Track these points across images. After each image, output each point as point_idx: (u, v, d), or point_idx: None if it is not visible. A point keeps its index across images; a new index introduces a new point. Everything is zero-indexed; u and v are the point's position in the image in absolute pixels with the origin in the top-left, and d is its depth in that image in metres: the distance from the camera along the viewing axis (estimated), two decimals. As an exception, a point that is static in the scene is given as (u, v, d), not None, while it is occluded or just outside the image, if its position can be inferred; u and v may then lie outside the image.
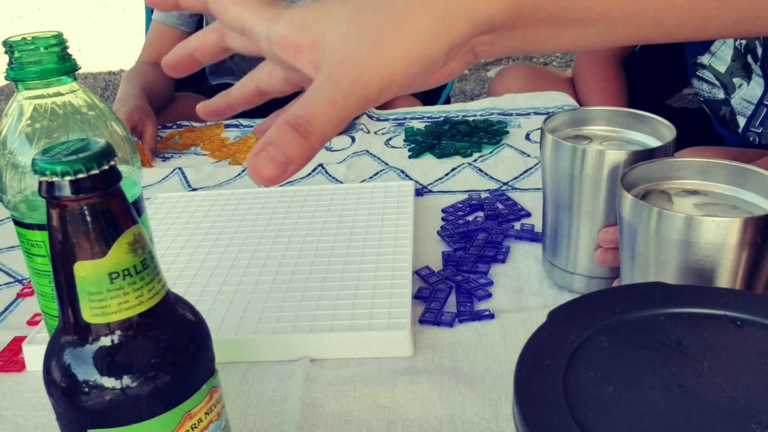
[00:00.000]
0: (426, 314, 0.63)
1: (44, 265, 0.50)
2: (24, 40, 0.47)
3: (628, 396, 0.29)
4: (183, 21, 1.36)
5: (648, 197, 0.53)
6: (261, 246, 0.74)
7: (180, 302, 0.38)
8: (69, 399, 0.34)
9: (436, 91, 1.57)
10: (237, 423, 0.52)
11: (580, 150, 0.59)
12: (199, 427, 0.37)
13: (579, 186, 0.60)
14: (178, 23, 1.36)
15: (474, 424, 0.50)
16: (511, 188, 0.88)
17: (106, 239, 0.33)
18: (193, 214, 0.83)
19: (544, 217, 0.66)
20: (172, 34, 1.36)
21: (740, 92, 1.07)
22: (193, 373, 0.36)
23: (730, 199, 0.53)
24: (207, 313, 0.63)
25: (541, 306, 0.63)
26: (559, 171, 0.61)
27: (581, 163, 0.59)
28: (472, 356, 0.57)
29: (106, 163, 0.33)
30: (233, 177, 0.99)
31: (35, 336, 0.61)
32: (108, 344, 0.34)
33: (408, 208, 0.80)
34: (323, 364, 0.58)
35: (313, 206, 0.83)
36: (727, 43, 1.06)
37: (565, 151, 0.60)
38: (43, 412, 0.55)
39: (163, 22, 1.36)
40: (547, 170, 0.63)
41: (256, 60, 0.46)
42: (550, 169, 0.62)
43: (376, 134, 1.11)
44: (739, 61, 1.06)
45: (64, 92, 0.49)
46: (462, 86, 3.55)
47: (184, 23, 1.37)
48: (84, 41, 4.85)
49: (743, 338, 0.33)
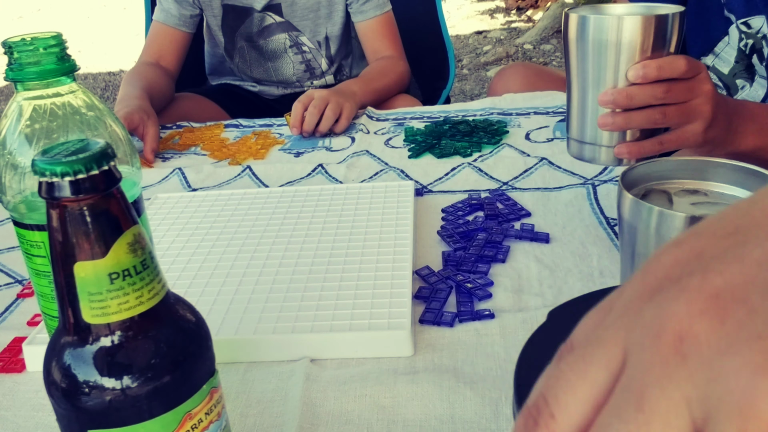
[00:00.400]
0: (426, 314, 0.63)
1: (44, 265, 0.50)
2: (23, 40, 0.47)
3: (628, 395, 0.29)
4: (184, 21, 1.36)
5: (648, 197, 0.53)
6: (261, 246, 0.74)
7: (180, 302, 0.38)
8: (69, 399, 0.34)
9: (435, 90, 1.57)
10: (237, 423, 0.52)
11: (605, 19, 0.64)
12: (199, 427, 0.37)
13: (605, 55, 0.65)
14: (179, 24, 1.36)
15: (474, 424, 0.50)
16: (511, 188, 0.88)
17: (106, 240, 0.33)
18: (193, 215, 0.83)
19: (569, 101, 0.71)
20: (172, 35, 1.36)
21: (742, 94, 1.07)
22: (193, 374, 0.36)
23: (729, 199, 0.53)
24: (207, 314, 0.63)
25: (541, 306, 0.63)
26: (584, 46, 0.66)
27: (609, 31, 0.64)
28: (472, 356, 0.57)
29: (106, 164, 0.33)
30: (233, 177, 0.99)
31: (35, 336, 0.61)
32: (108, 345, 0.34)
33: (408, 208, 0.80)
34: (323, 364, 0.58)
35: (313, 206, 0.83)
36: (731, 45, 1.06)
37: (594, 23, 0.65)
38: (44, 413, 0.55)
39: (164, 23, 1.36)
40: (572, 50, 0.68)
41: (257, 61, 0.46)
42: (577, 48, 0.67)
43: (375, 134, 1.11)
44: (743, 62, 1.06)
45: (63, 93, 0.49)
46: (462, 86, 3.56)
47: (185, 24, 1.37)
48: (84, 42, 4.85)
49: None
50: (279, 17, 1.41)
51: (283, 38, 1.43)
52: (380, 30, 1.40)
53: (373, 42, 1.40)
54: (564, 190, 0.86)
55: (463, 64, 3.91)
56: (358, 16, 1.39)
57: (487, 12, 4.88)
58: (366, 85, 1.26)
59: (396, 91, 1.36)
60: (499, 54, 3.96)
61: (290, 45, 1.43)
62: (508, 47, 4.06)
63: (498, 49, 4.05)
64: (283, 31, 1.43)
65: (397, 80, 1.36)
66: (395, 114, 1.20)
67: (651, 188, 0.54)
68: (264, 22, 1.42)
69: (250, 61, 1.47)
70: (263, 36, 1.43)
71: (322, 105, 1.10)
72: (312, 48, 1.45)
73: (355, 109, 1.17)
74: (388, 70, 1.35)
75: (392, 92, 1.35)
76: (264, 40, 1.43)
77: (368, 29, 1.40)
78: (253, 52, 1.45)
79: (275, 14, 1.41)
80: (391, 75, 1.35)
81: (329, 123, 1.09)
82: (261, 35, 1.43)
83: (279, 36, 1.43)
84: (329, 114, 1.09)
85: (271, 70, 1.47)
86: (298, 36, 1.43)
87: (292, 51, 1.44)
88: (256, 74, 1.48)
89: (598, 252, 0.72)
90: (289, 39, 1.43)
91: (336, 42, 1.46)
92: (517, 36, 4.30)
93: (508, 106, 1.17)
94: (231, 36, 1.44)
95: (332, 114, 1.09)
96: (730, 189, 0.53)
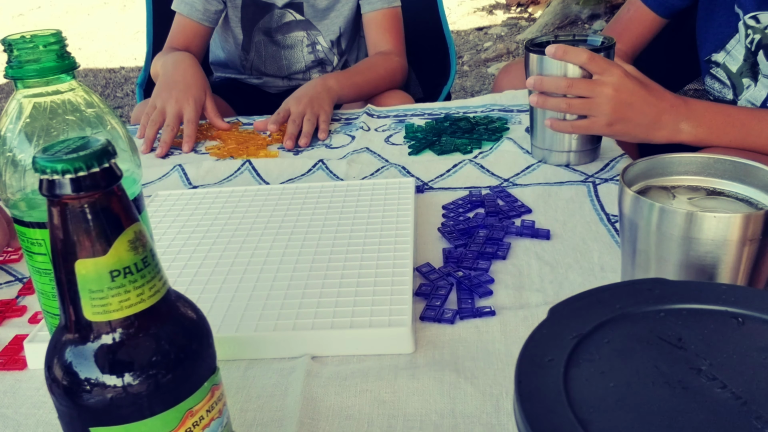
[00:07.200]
0: (427, 311, 0.63)
1: (45, 263, 0.50)
2: (23, 38, 0.47)
3: (628, 391, 0.29)
4: (207, 17, 1.39)
5: (648, 193, 0.53)
6: (262, 243, 0.74)
7: (181, 300, 0.38)
8: (70, 397, 0.34)
9: (436, 87, 1.57)
10: (237, 418, 0.52)
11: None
12: (200, 424, 0.37)
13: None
14: (202, 18, 1.38)
15: (475, 419, 0.50)
16: (511, 185, 0.88)
17: (107, 237, 0.33)
18: (193, 212, 0.83)
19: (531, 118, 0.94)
20: (197, 29, 1.39)
21: (747, 94, 1.06)
22: (194, 371, 0.37)
23: (731, 195, 0.52)
24: (208, 311, 0.63)
25: (542, 302, 0.63)
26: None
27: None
28: (473, 353, 0.57)
29: (107, 161, 0.33)
30: (233, 173, 0.99)
31: (36, 334, 0.61)
32: (109, 342, 0.34)
33: (409, 204, 0.80)
34: (324, 360, 0.58)
35: (314, 203, 0.83)
36: (741, 42, 1.05)
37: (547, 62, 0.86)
38: (45, 410, 0.55)
39: (188, 17, 1.38)
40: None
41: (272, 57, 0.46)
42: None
43: (376, 131, 1.11)
44: (748, 61, 1.05)
45: (63, 90, 0.49)
46: (462, 83, 3.55)
47: (208, 19, 1.39)
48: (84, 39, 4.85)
49: (744, 334, 0.33)
50: (299, 15, 1.42)
51: (301, 36, 1.44)
52: (384, 23, 1.39)
53: (375, 34, 1.40)
54: (564, 187, 0.86)
55: (463, 60, 3.90)
56: (366, 6, 1.40)
57: (488, 8, 4.87)
58: (346, 78, 1.25)
59: (385, 86, 1.34)
60: (500, 51, 3.95)
61: (307, 44, 1.44)
62: (509, 44, 4.05)
63: (499, 45, 4.04)
64: (302, 29, 1.43)
65: (385, 76, 1.34)
66: (396, 111, 1.20)
67: (652, 185, 0.54)
68: (284, 18, 1.42)
69: (266, 57, 1.47)
70: (281, 32, 1.44)
71: (299, 120, 1.11)
72: (326, 47, 1.45)
73: (331, 107, 1.17)
74: (378, 65, 1.35)
75: (379, 88, 1.33)
76: (282, 36, 1.44)
77: (373, 21, 1.40)
78: (270, 48, 1.46)
79: (296, 12, 1.42)
80: (380, 70, 1.34)
81: (309, 138, 1.09)
82: (279, 31, 1.44)
83: (297, 33, 1.44)
84: (307, 129, 1.09)
85: (284, 67, 1.48)
86: (316, 36, 1.44)
87: (307, 49, 1.45)
88: (270, 70, 1.49)
89: (598, 248, 0.72)
90: (307, 38, 1.44)
91: (347, 37, 1.46)
92: (517, 32, 4.29)
93: (509, 103, 1.17)
94: (249, 30, 1.45)
95: (310, 127, 1.10)
96: (731, 185, 0.53)
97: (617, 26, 1.19)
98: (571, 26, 4.14)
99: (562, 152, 0.92)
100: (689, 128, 0.85)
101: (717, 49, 1.10)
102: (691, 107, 0.85)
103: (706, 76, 1.15)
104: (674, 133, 0.85)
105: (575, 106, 0.84)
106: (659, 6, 1.14)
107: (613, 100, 0.82)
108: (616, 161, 0.92)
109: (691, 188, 0.54)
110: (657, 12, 1.15)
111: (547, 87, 0.85)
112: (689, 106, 0.85)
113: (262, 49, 1.46)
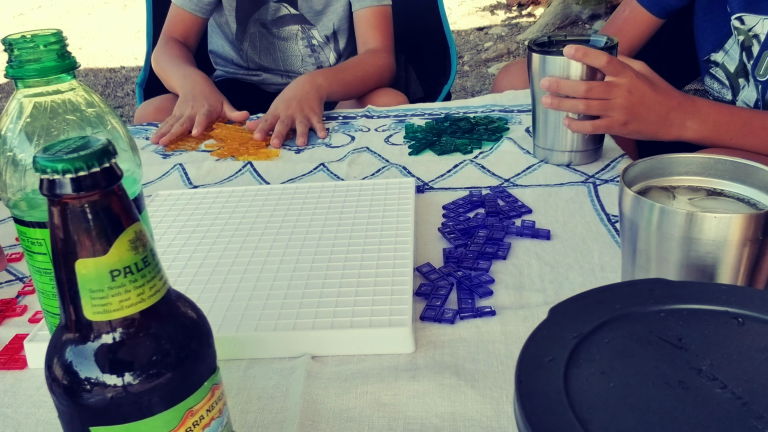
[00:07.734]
0: (427, 311, 0.63)
1: (45, 263, 0.50)
2: (23, 38, 0.47)
3: (629, 392, 0.29)
4: (201, 8, 1.42)
5: (649, 193, 0.53)
6: (262, 243, 0.74)
7: (181, 299, 0.38)
8: (71, 396, 0.34)
9: (436, 87, 1.57)
10: (238, 419, 0.52)
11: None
12: (200, 424, 0.37)
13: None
14: (195, 9, 1.42)
15: (475, 422, 0.50)
16: (512, 185, 0.88)
17: (107, 237, 0.33)
18: (194, 212, 0.83)
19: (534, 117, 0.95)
20: (192, 20, 1.43)
21: (743, 94, 1.06)
22: (194, 371, 0.37)
23: (731, 196, 0.52)
24: (208, 311, 0.63)
25: (542, 302, 0.63)
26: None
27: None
28: (474, 353, 0.57)
29: (107, 161, 0.33)
30: (234, 173, 0.99)
31: (37, 333, 0.61)
32: (110, 342, 0.34)
33: (409, 205, 0.80)
34: (324, 360, 0.58)
35: (314, 203, 0.83)
36: (738, 41, 1.05)
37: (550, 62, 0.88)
38: (45, 410, 0.55)
39: (182, 7, 1.41)
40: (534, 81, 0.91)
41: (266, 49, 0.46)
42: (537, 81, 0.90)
43: (376, 131, 1.11)
44: (742, 61, 1.05)
45: (63, 90, 0.49)
46: (463, 83, 3.55)
47: (202, 10, 1.43)
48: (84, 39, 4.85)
49: (744, 334, 0.33)
50: (293, 9, 1.43)
51: (295, 29, 1.45)
52: (373, 21, 1.40)
53: (365, 32, 1.41)
54: (565, 187, 0.86)
55: (464, 60, 3.90)
56: (356, 3, 1.40)
57: (489, 8, 4.87)
58: (334, 75, 1.26)
59: (373, 84, 1.35)
60: (501, 50, 3.95)
61: (302, 37, 1.45)
62: (510, 44, 4.05)
63: (499, 45, 4.04)
64: (297, 23, 1.45)
65: (373, 73, 1.34)
66: (396, 111, 1.20)
67: (652, 185, 0.54)
68: (278, 12, 1.44)
69: (260, 49, 1.48)
70: (276, 25, 1.45)
71: (289, 121, 1.11)
72: (321, 42, 1.46)
73: (321, 107, 1.17)
74: (366, 63, 1.35)
75: (368, 86, 1.34)
76: (277, 29, 1.45)
77: (362, 18, 1.41)
78: (264, 39, 1.47)
79: (290, 6, 1.43)
80: (368, 68, 1.34)
81: (305, 137, 1.09)
82: (274, 24, 1.45)
83: (292, 27, 1.45)
84: (301, 130, 1.10)
85: (279, 59, 1.48)
86: (310, 29, 1.45)
87: (303, 43, 1.46)
88: (265, 62, 1.49)
89: (599, 248, 0.72)
90: (301, 31, 1.44)
91: (344, 36, 1.47)
92: (518, 32, 4.29)
93: (510, 103, 1.17)
94: (244, 21, 1.46)
95: (303, 127, 1.10)
96: (731, 185, 0.53)
97: (613, 26, 1.19)
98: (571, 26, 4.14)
99: (565, 152, 0.92)
100: (695, 126, 0.86)
101: (715, 48, 1.10)
102: (697, 105, 0.87)
103: (705, 76, 1.15)
104: (681, 130, 0.86)
105: (593, 107, 0.85)
106: (655, 6, 1.14)
107: (628, 101, 0.84)
108: (617, 162, 0.92)
109: (691, 188, 0.54)
110: (653, 12, 1.15)
111: (565, 90, 0.86)
112: (695, 104, 0.87)
113: (257, 40, 1.47)
